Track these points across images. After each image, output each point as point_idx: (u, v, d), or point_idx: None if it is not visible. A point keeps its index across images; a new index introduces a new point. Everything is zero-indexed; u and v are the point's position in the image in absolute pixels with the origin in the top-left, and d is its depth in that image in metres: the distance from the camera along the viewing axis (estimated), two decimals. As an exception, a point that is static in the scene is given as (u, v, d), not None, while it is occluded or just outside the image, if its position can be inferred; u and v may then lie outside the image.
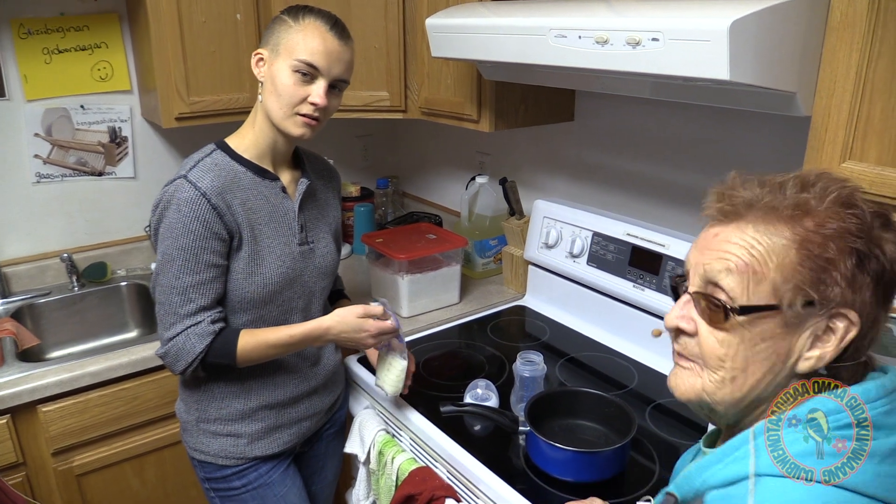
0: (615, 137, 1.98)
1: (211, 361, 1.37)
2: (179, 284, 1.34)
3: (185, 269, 1.33)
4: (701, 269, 0.80)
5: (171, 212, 1.33)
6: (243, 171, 1.41)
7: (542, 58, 1.34)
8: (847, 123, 1.08)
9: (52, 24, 2.12)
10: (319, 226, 1.55)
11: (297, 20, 1.36)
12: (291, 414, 1.54)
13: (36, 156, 2.20)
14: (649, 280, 1.75)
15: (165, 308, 1.36)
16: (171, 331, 1.36)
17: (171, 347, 1.37)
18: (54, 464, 1.81)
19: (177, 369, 1.39)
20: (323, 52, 1.34)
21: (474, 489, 1.40)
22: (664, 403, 1.62)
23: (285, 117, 1.37)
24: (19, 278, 2.23)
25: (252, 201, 1.40)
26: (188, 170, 1.36)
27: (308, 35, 1.34)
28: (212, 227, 1.34)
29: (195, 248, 1.33)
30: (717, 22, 1.02)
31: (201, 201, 1.32)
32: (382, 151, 2.95)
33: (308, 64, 1.34)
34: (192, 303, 1.35)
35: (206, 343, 1.35)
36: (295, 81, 1.35)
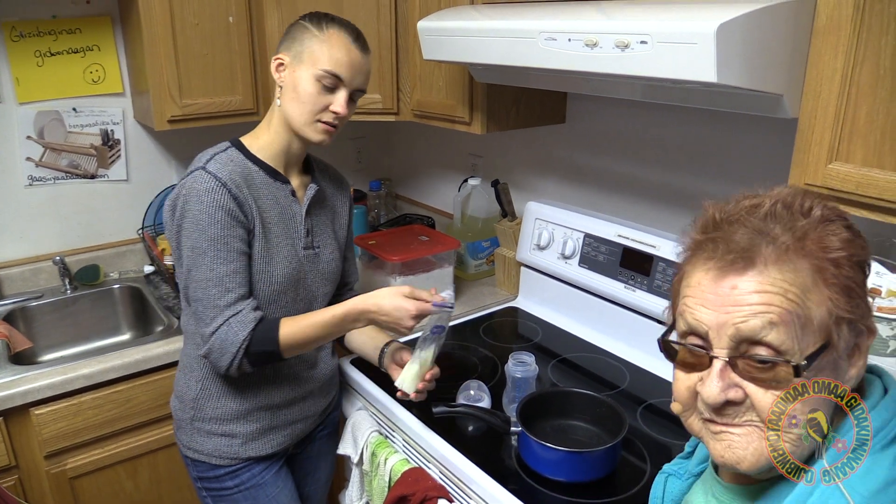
0: (606, 139, 1.99)
1: (255, 350, 1.36)
2: (215, 276, 1.33)
3: (217, 259, 1.33)
4: (731, 330, 0.72)
5: (193, 203, 1.32)
6: (256, 171, 1.42)
7: (533, 60, 1.34)
8: (833, 125, 1.10)
9: (44, 26, 2.12)
10: (326, 231, 1.56)
11: (322, 29, 1.38)
12: (286, 416, 1.54)
13: (28, 158, 2.20)
14: (640, 281, 1.76)
15: (204, 303, 1.35)
16: (212, 325, 1.34)
17: (214, 341, 1.35)
18: (47, 467, 1.81)
19: (223, 363, 1.36)
20: (347, 63, 1.38)
21: (467, 489, 1.41)
22: (655, 403, 1.63)
23: (306, 124, 1.40)
24: (11, 281, 2.23)
25: (263, 200, 1.41)
26: (205, 162, 1.36)
27: (333, 46, 1.37)
28: (235, 214, 1.34)
29: (224, 237, 1.33)
30: (704, 25, 1.03)
31: (222, 190, 1.33)
32: (375, 154, 2.96)
33: (333, 74, 1.37)
34: (230, 292, 1.34)
35: (249, 330, 1.34)
36: (318, 90, 1.38)
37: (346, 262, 1.68)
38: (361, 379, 1.74)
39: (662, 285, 1.70)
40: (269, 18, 2.12)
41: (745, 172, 1.64)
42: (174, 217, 1.37)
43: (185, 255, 1.35)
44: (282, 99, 1.42)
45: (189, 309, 1.44)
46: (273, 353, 1.38)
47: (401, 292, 1.40)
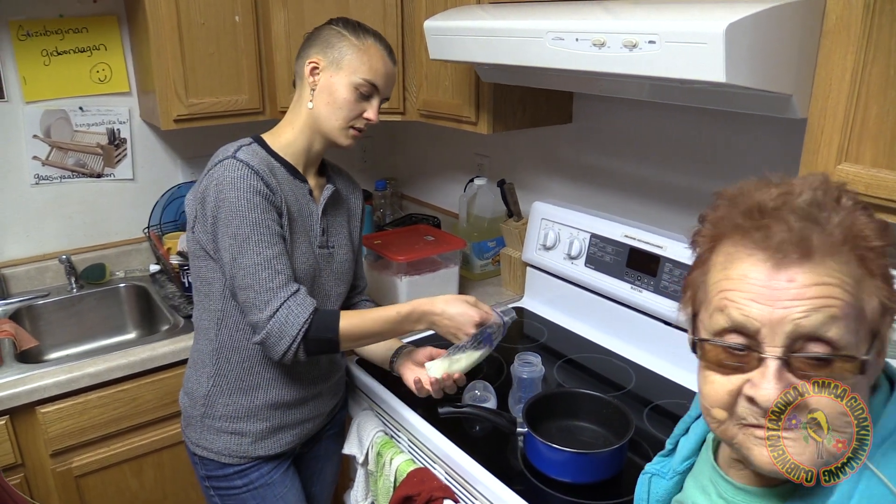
0: (613, 139, 1.98)
1: (314, 336, 1.34)
2: (262, 259, 1.32)
3: (262, 242, 1.33)
4: (789, 327, 0.66)
5: (229, 191, 1.32)
6: (278, 167, 1.43)
7: (540, 60, 1.34)
8: (843, 126, 1.09)
9: (51, 25, 2.13)
10: (341, 232, 1.57)
11: (360, 39, 1.43)
12: (296, 415, 1.54)
13: (35, 157, 2.20)
14: (647, 282, 1.75)
15: (255, 288, 1.33)
16: (268, 308, 1.32)
17: (272, 326, 1.32)
18: (53, 465, 1.81)
19: (279, 349, 1.34)
20: (384, 74, 1.44)
21: (472, 490, 1.40)
22: (662, 405, 1.63)
23: (339, 129, 1.43)
24: (18, 280, 2.23)
25: (286, 195, 1.42)
26: (233, 152, 1.36)
27: (372, 57, 1.43)
28: (271, 199, 1.35)
29: (265, 221, 1.33)
30: (713, 24, 1.03)
31: (255, 176, 1.33)
32: (381, 153, 2.95)
33: (371, 84, 1.43)
34: (280, 274, 1.34)
35: (309, 313, 1.34)
36: (355, 97, 1.42)
37: (356, 265, 1.69)
38: (367, 379, 1.74)
39: (669, 286, 1.69)
40: (275, 18, 2.12)
41: (752, 173, 1.61)
42: (206, 209, 1.36)
43: (227, 244, 1.33)
44: (315, 102, 1.43)
45: (209, 304, 1.44)
46: (331, 342, 1.37)
47: (465, 300, 1.43)
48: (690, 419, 0.96)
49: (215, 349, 1.47)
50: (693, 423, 0.95)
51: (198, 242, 1.41)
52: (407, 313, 1.42)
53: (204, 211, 1.37)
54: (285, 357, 1.35)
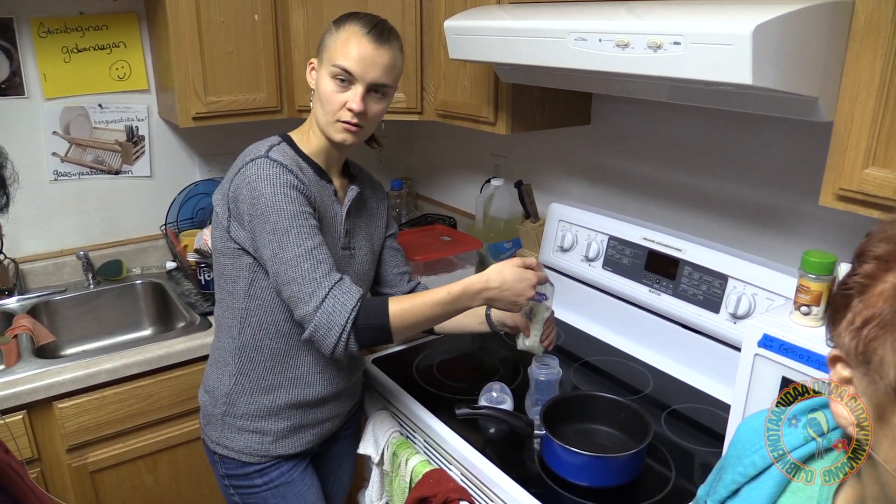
0: (632, 141, 1.97)
1: (364, 324, 1.30)
2: (304, 251, 1.30)
3: (301, 234, 1.31)
4: None
5: (264, 187, 1.31)
6: (305, 167, 1.43)
7: (562, 61, 1.33)
8: (870, 129, 1.07)
9: (71, 23, 2.14)
10: (362, 234, 1.56)
11: (339, 26, 1.38)
12: (316, 414, 1.54)
13: (54, 154, 2.21)
14: (665, 285, 1.74)
15: (299, 281, 1.30)
16: (314, 300, 1.29)
17: (320, 318, 1.29)
18: (69, 460, 1.82)
19: (329, 341, 1.30)
20: (356, 57, 1.35)
21: (488, 492, 1.39)
22: (679, 409, 1.61)
23: (328, 124, 1.40)
24: (36, 275, 2.25)
25: (314, 195, 1.41)
26: (266, 151, 1.36)
27: (348, 41, 1.35)
28: (306, 193, 1.35)
29: (303, 213, 1.32)
30: (740, 26, 1.01)
31: (288, 174, 1.33)
32: (397, 153, 2.95)
33: (342, 69, 1.35)
34: (322, 263, 1.31)
35: (357, 299, 1.30)
36: (334, 88, 1.37)
37: (395, 252, 1.68)
38: (383, 378, 1.73)
39: (688, 289, 1.68)
40: (294, 17, 2.12)
41: (773, 176, 1.62)
42: (240, 207, 1.35)
43: (267, 241, 1.32)
44: (313, 101, 1.43)
45: (232, 301, 1.44)
46: (382, 328, 1.32)
47: (513, 262, 1.38)
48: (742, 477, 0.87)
49: (238, 347, 1.46)
50: (747, 486, 0.87)
51: (234, 240, 1.40)
52: (459, 292, 1.35)
53: (238, 209, 1.36)
54: (336, 349, 1.30)
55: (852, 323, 0.67)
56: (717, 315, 1.62)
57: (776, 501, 0.82)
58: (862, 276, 0.67)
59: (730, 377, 1.30)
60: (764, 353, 1.17)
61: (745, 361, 1.21)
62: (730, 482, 0.87)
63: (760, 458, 0.84)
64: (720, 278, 1.62)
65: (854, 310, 0.67)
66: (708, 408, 1.61)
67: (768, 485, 0.82)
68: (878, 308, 0.64)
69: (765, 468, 0.84)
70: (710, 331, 1.64)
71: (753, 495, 0.84)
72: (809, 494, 0.79)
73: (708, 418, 1.58)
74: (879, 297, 0.64)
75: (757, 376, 1.20)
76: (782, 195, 1.61)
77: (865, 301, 0.66)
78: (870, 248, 0.68)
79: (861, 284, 0.67)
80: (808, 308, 1.16)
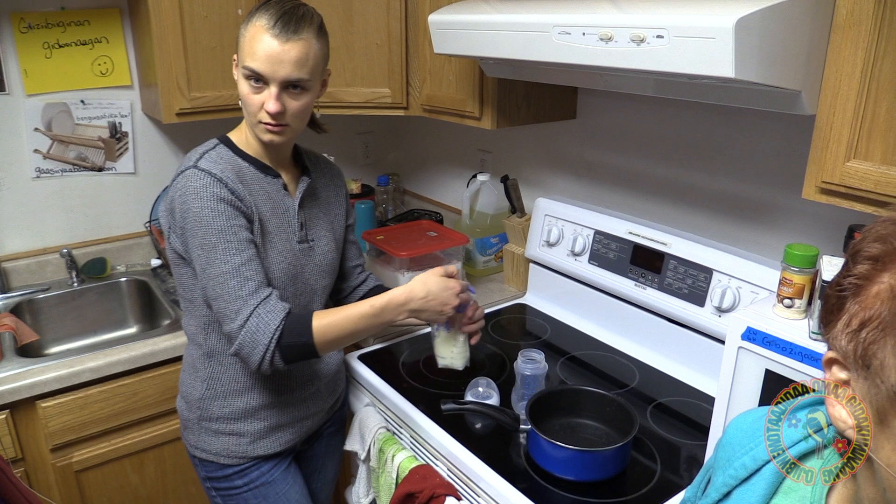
0: (618, 135, 1.97)
1: (288, 342, 1.29)
2: (230, 267, 1.28)
3: (229, 250, 1.29)
4: None
5: (192, 201, 1.29)
6: (246, 167, 1.40)
7: (546, 55, 1.33)
8: (852, 122, 1.08)
9: (52, 18, 2.11)
10: (320, 224, 1.53)
11: (248, 21, 1.30)
12: (294, 413, 1.53)
13: (36, 151, 2.19)
14: (651, 279, 1.74)
15: (225, 298, 1.29)
16: (239, 318, 1.28)
17: (244, 335, 1.28)
18: (53, 460, 1.81)
19: (255, 358, 1.29)
20: (263, 57, 1.27)
21: (475, 487, 1.39)
22: (665, 402, 1.62)
23: (253, 125, 1.37)
24: (18, 273, 2.23)
25: (256, 196, 1.38)
26: (195, 161, 1.33)
27: (253, 39, 1.28)
28: (236, 205, 1.31)
29: (231, 227, 1.29)
30: (722, 19, 1.02)
31: (218, 184, 1.30)
32: (383, 148, 2.94)
33: (251, 70, 1.29)
34: (250, 280, 1.29)
35: (280, 318, 1.29)
36: (249, 90, 1.32)
37: (350, 245, 1.67)
38: (369, 375, 1.73)
39: (673, 283, 1.69)
40: (278, 11, 2.10)
41: (758, 169, 1.62)
42: (174, 220, 1.34)
43: (196, 255, 1.31)
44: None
45: (194, 310, 1.43)
46: (306, 346, 1.31)
47: (435, 273, 1.39)
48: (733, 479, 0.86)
49: (205, 353, 1.46)
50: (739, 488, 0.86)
51: (175, 251, 1.39)
52: (382, 305, 1.35)
53: (173, 221, 1.34)
54: (262, 366, 1.30)
55: (849, 325, 0.65)
56: (703, 308, 1.62)
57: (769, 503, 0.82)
58: (856, 276, 0.66)
59: (715, 370, 1.31)
60: (747, 346, 1.18)
61: (728, 354, 1.21)
62: (721, 485, 0.86)
63: (751, 459, 0.84)
64: (705, 272, 1.62)
65: (850, 311, 0.66)
66: (694, 401, 1.62)
67: (760, 486, 0.82)
68: (875, 309, 0.63)
69: (756, 470, 0.83)
70: (696, 324, 1.65)
71: (746, 497, 0.84)
72: (802, 495, 0.79)
73: (694, 411, 1.58)
74: (876, 298, 0.63)
75: (741, 369, 1.20)
76: (767, 189, 1.62)
77: (861, 302, 0.65)
78: (863, 248, 0.67)
79: (856, 285, 0.66)
80: (790, 301, 1.17)
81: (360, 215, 2.54)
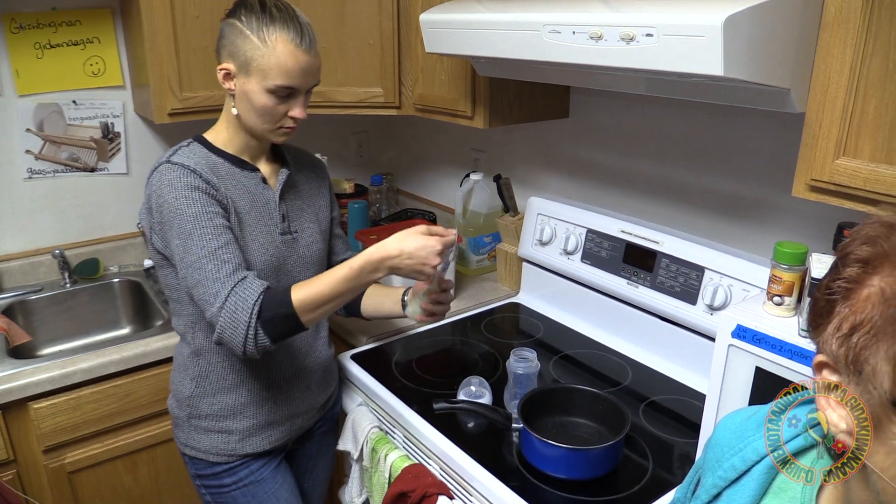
0: (609, 134, 1.97)
1: (269, 315, 1.26)
2: (207, 252, 1.28)
3: (205, 235, 1.28)
4: None
5: (167, 193, 1.29)
6: (221, 162, 1.40)
7: (536, 53, 1.33)
8: (841, 120, 1.08)
9: (43, 18, 2.11)
10: (303, 216, 1.53)
11: (263, 35, 1.29)
12: (283, 410, 1.53)
13: (28, 151, 2.18)
14: (643, 277, 1.74)
15: (203, 283, 1.27)
16: (217, 300, 1.26)
17: (224, 316, 1.26)
18: (46, 461, 1.80)
19: (238, 339, 1.26)
20: (298, 71, 1.32)
21: (467, 486, 1.39)
22: (658, 400, 1.62)
23: (268, 131, 1.38)
24: (11, 274, 2.22)
25: (232, 190, 1.38)
26: (168, 157, 1.35)
27: (280, 55, 1.29)
28: (210, 193, 1.32)
29: (207, 214, 1.29)
30: (711, 17, 1.02)
31: (192, 175, 1.31)
32: (377, 148, 2.94)
33: (286, 87, 1.32)
34: (227, 263, 1.28)
35: (259, 292, 1.26)
36: (274, 102, 1.33)
37: (336, 238, 1.66)
38: (362, 374, 1.73)
39: (666, 281, 1.69)
40: (270, 11, 2.10)
41: (749, 168, 1.63)
42: (153, 218, 1.34)
43: (175, 245, 1.31)
44: (238, 108, 1.37)
45: (181, 309, 1.43)
46: (289, 316, 1.28)
47: (418, 230, 1.35)
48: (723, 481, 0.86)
49: (194, 352, 1.46)
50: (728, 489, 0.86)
51: (158, 252, 1.39)
52: (360, 265, 1.31)
53: (152, 219, 1.35)
54: (247, 346, 1.26)
55: (839, 329, 0.65)
56: (695, 306, 1.63)
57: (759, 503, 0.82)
58: (845, 279, 0.65)
59: (707, 368, 1.31)
60: (737, 344, 1.18)
61: (719, 352, 1.22)
62: (710, 486, 0.86)
63: (740, 460, 0.84)
64: (697, 270, 1.62)
65: (840, 315, 0.65)
66: (686, 399, 1.62)
67: (750, 487, 0.82)
68: (866, 313, 0.62)
69: (745, 470, 0.83)
70: (688, 322, 1.65)
71: (736, 498, 0.84)
72: (792, 496, 0.79)
73: (686, 409, 1.59)
74: (867, 301, 0.63)
75: (731, 367, 1.21)
76: (758, 187, 1.62)
77: (852, 306, 0.64)
78: (852, 251, 0.66)
79: (845, 289, 0.65)
80: (780, 298, 1.17)
81: (354, 215, 2.54)
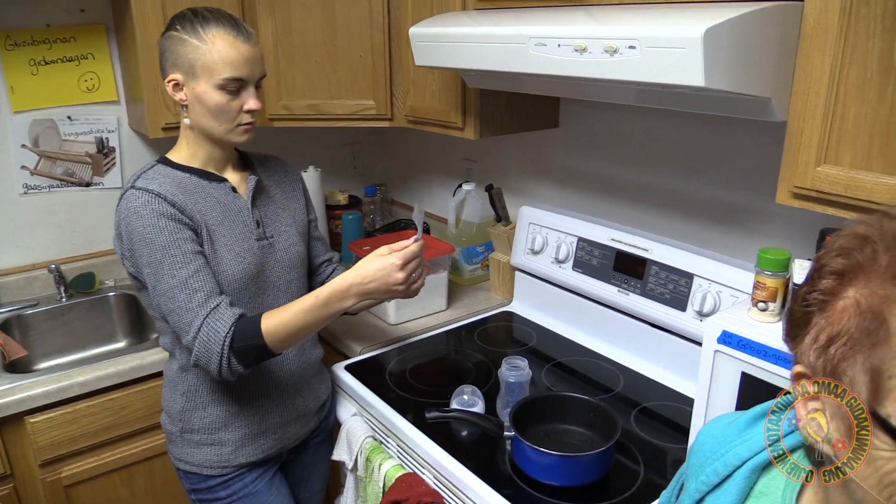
0: (599, 144, 1.99)
1: (240, 347, 1.30)
2: (178, 282, 1.30)
3: (175, 264, 1.30)
4: None
5: (135, 221, 1.31)
6: (188, 177, 1.41)
7: (523, 66, 1.35)
8: (822, 128, 1.10)
9: (38, 35, 2.13)
10: (279, 220, 1.54)
11: (200, 35, 1.32)
12: (274, 418, 1.54)
13: (23, 167, 2.20)
14: (634, 284, 1.76)
15: (177, 313, 1.31)
16: (192, 329, 1.30)
17: (198, 346, 1.30)
18: (42, 475, 1.81)
19: (212, 367, 1.31)
20: (242, 61, 1.34)
21: (461, 494, 1.40)
22: (649, 407, 1.63)
23: (228, 132, 1.40)
24: (7, 289, 2.23)
25: (201, 203, 1.39)
26: (132, 182, 1.36)
27: (223, 51, 1.32)
28: (178, 218, 1.33)
29: (175, 241, 1.31)
30: (691, 30, 1.04)
31: (158, 200, 1.32)
32: (370, 159, 2.96)
33: (233, 79, 1.34)
34: (198, 292, 1.31)
35: (230, 324, 1.30)
36: (226, 98, 1.35)
37: (315, 241, 1.68)
38: (356, 385, 1.74)
39: (655, 288, 1.70)
40: (262, 27, 2.12)
41: (736, 175, 1.65)
42: (122, 244, 1.36)
43: (146, 274, 1.33)
44: (191, 116, 1.39)
45: (166, 327, 1.44)
46: (260, 347, 1.32)
47: (376, 254, 1.37)
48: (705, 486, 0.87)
49: (182, 367, 1.48)
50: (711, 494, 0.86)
51: (132, 275, 1.41)
52: (327, 296, 1.34)
53: (122, 246, 1.37)
54: (222, 373, 1.32)
55: (816, 340, 0.65)
56: (684, 313, 1.64)
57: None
58: (821, 291, 0.66)
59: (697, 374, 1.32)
60: (723, 350, 1.19)
61: (706, 358, 1.23)
62: (693, 491, 0.87)
63: (722, 465, 0.84)
64: (686, 277, 1.64)
65: (817, 326, 0.66)
66: (677, 404, 1.64)
67: (732, 492, 0.83)
68: (843, 325, 0.63)
69: (727, 475, 0.84)
70: (678, 328, 1.67)
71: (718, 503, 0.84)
72: (773, 500, 0.80)
73: (677, 415, 1.60)
74: (843, 313, 0.63)
75: (718, 373, 1.22)
76: (745, 194, 1.64)
77: (828, 318, 0.65)
78: (827, 263, 0.66)
79: (821, 301, 0.66)
80: (765, 304, 1.19)
81: (349, 226, 2.56)
